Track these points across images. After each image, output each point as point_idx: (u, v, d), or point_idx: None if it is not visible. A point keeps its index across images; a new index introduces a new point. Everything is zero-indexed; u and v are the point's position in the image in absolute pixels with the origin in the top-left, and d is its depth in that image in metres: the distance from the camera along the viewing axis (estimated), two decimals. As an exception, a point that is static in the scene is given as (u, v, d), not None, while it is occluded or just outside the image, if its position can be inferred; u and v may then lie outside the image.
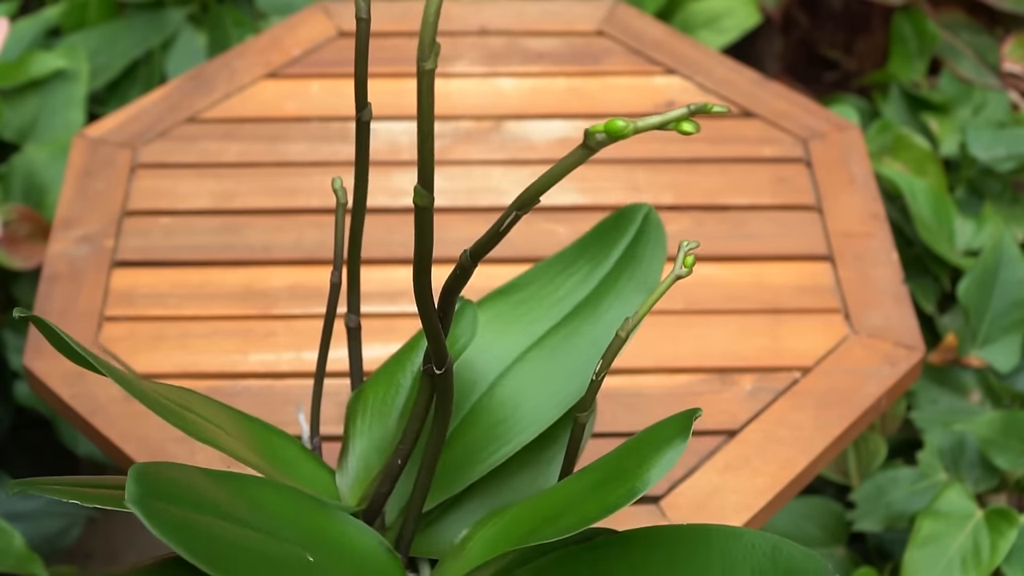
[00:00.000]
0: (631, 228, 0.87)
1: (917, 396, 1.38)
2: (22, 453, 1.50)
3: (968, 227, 1.49)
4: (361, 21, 0.61)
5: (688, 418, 0.69)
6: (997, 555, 1.16)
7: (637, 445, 0.70)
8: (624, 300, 0.83)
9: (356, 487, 0.77)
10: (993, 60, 1.74)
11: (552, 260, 0.88)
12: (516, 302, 0.85)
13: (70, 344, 0.65)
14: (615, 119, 0.55)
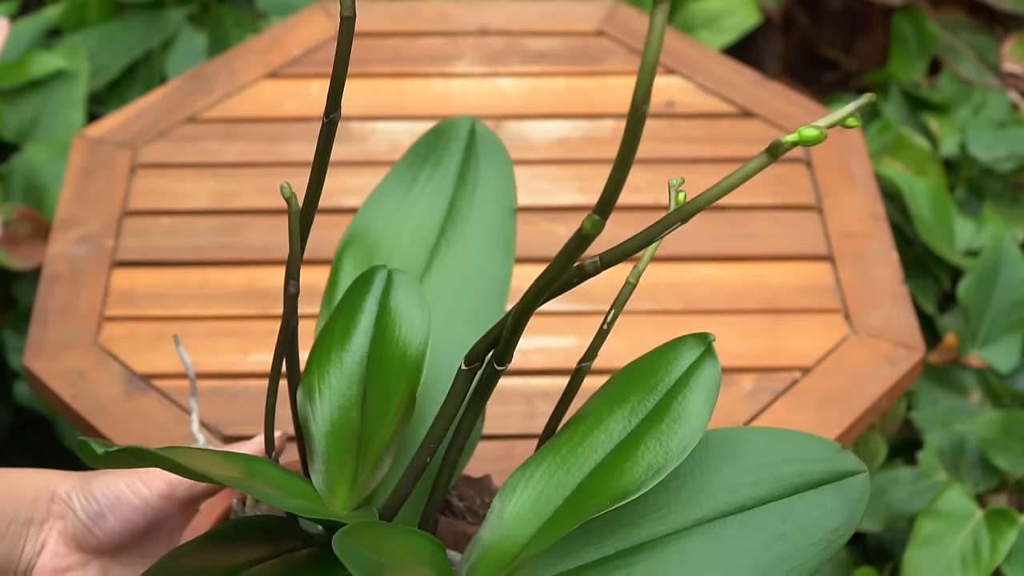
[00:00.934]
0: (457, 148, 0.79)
1: (917, 396, 1.38)
2: (22, 453, 1.50)
3: (968, 227, 1.49)
4: (346, 20, 0.60)
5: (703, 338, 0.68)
6: (997, 555, 1.16)
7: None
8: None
9: (337, 489, 0.74)
10: (993, 60, 1.74)
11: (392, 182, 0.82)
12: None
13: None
14: (805, 127, 0.55)
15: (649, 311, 1.14)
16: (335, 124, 0.61)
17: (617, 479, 0.66)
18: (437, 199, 0.77)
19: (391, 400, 0.72)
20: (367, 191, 1.24)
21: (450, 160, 0.77)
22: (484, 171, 0.77)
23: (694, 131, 1.30)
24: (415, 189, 0.77)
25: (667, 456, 0.66)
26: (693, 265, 1.18)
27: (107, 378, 1.07)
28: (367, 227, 0.76)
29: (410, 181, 0.77)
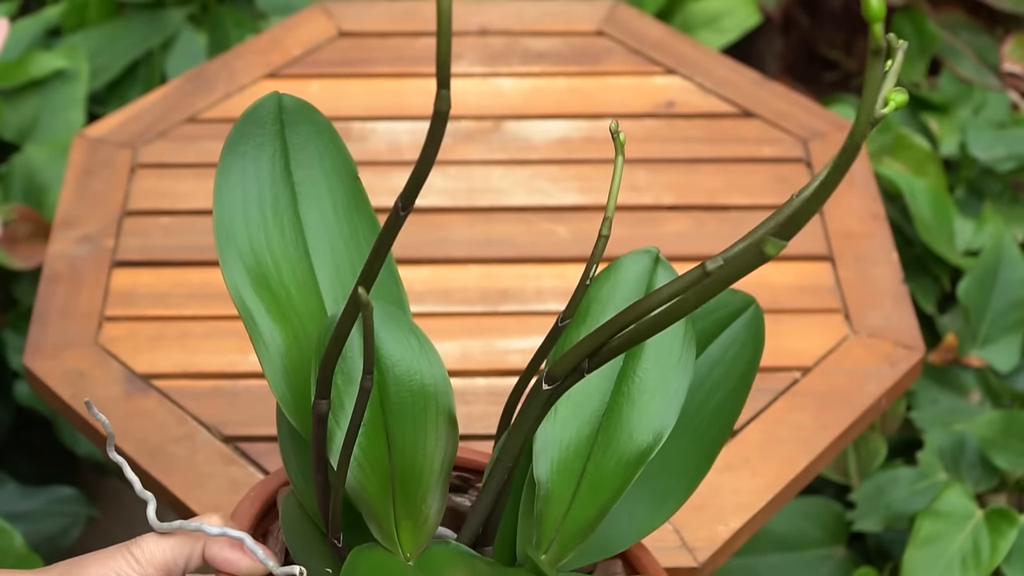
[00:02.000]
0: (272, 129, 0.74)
1: (917, 396, 1.38)
2: (22, 453, 1.50)
3: (968, 227, 1.49)
4: (439, 114, 0.55)
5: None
6: (997, 555, 1.16)
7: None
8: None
9: (411, 538, 0.70)
10: (993, 60, 1.74)
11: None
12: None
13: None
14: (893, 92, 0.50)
15: (649, 311, 1.14)
16: (404, 218, 0.59)
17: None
18: (280, 190, 0.73)
19: (424, 432, 0.70)
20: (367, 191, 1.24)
21: (270, 147, 0.73)
22: (309, 146, 0.74)
23: (694, 131, 1.30)
24: (252, 185, 0.73)
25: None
26: (693, 265, 1.18)
27: (107, 378, 1.07)
28: (236, 240, 0.73)
29: (243, 178, 0.73)
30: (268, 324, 0.70)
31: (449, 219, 1.22)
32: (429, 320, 1.13)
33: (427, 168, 0.56)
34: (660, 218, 1.22)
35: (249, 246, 0.71)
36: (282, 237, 0.72)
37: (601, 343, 0.63)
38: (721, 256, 0.59)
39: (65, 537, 1.37)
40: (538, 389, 0.66)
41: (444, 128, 0.55)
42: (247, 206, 0.71)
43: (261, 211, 0.72)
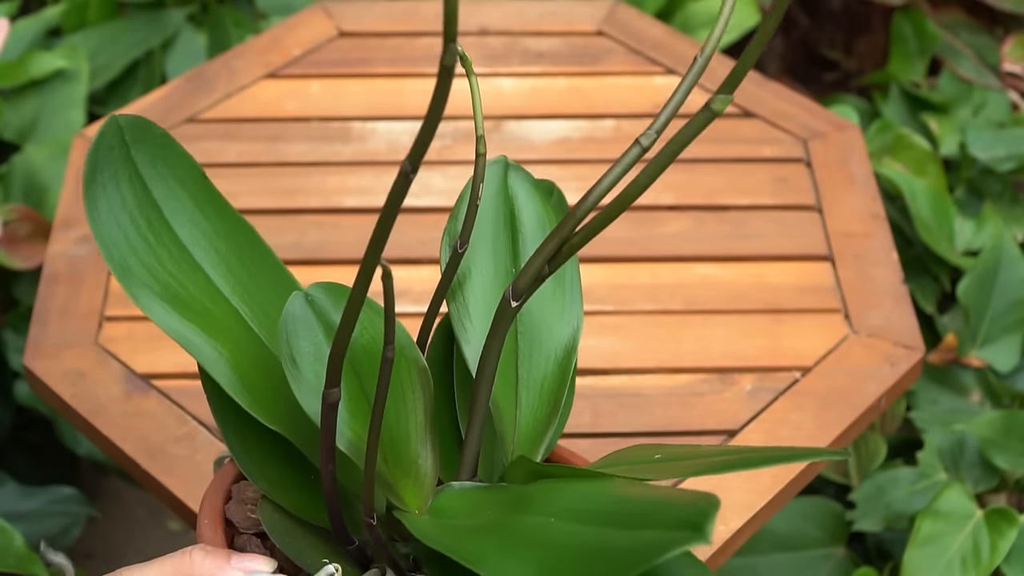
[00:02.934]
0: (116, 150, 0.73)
1: (917, 396, 1.38)
2: (22, 453, 1.50)
3: (968, 227, 1.49)
4: (444, 69, 0.57)
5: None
6: (997, 555, 1.16)
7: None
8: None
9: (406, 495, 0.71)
10: (993, 60, 1.74)
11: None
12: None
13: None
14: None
15: (649, 311, 1.14)
16: (411, 180, 0.59)
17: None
18: (149, 212, 0.73)
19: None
20: (367, 191, 1.24)
21: (124, 172, 0.73)
22: (157, 162, 0.73)
23: (694, 131, 1.30)
24: (123, 214, 0.72)
25: None
26: (693, 265, 1.18)
27: (107, 378, 1.07)
28: (135, 273, 0.71)
29: (111, 209, 0.72)
30: (207, 342, 0.71)
31: (449, 219, 1.21)
32: (429, 320, 1.13)
33: (434, 125, 0.57)
34: (659, 218, 1.22)
35: (150, 275, 0.71)
36: (171, 257, 0.73)
37: (562, 242, 0.66)
38: (653, 131, 0.65)
39: (65, 537, 1.37)
40: (506, 307, 0.68)
41: (450, 84, 0.57)
42: (128, 236, 0.72)
43: (142, 237, 0.72)
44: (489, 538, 0.63)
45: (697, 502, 0.59)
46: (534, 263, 0.68)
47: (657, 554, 0.57)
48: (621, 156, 0.67)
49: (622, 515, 0.62)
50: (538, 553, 0.60)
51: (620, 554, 0.59)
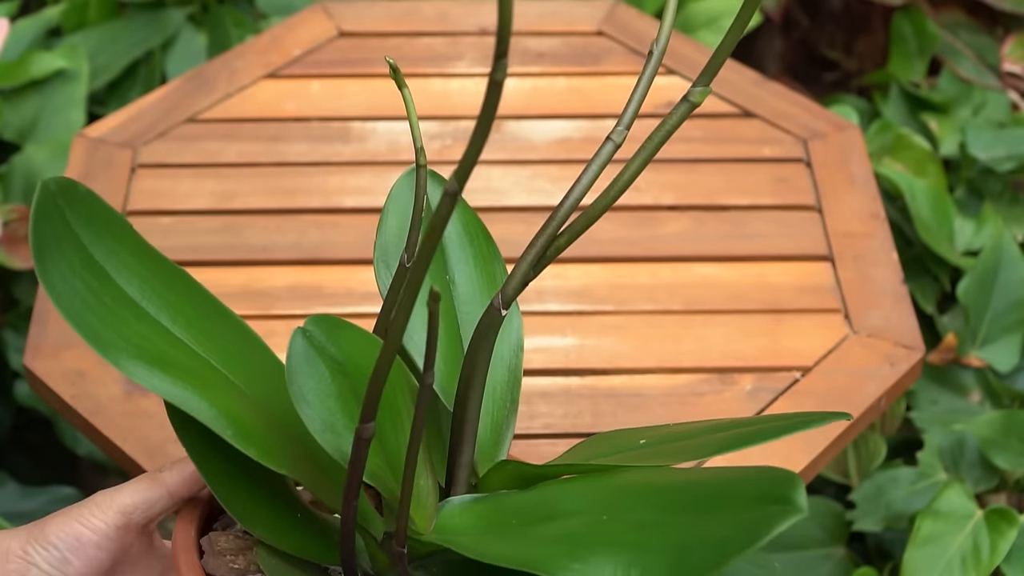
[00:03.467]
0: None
1: (917, 396, 1.38)
2: (22, 453, 1.50)
3: (968, 227, 1.49)
4: (494, 84, 0.57)
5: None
6: (997, 555, 1.16)
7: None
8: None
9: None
10: (993, 60, 1.74)
11: None
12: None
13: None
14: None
15: (649, 311, 1.14)
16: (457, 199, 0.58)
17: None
18: (99, 275, 0.71)
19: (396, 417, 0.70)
20: (367, 191, 1.24)
21: (66, 239, 0.71)
22: (92, 222, 0.72)
23: (694, 131, 1.30)
24: (77, 281, 0.70)
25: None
26: (693, 265, 1.18)
27: (107, 378, 1.07)
28: (108, 341, 0.69)
29: (64, 277, 0.70)
30: (200, 400, 0.68)
31: (449, 219, 1.21)
32: (429, 320, 1.13)
33: (482, 140, 0.55)
34: (660, 218, 1.22)
35: (121, 338, 0.69)
36: (133, 316, 0.71)
37: (547, 245, 0.66)
38: (623, 127, 0.67)
39: (65, 537, 1.36)
40: (495, 316, 0.67)
41: (499, 98, 0.56)
42: (86, 302, 0.69)
43: (101, 302, 0.70)
44: (555, 545, 0.62)
45: (769, 475, 0.59)
46: (520, 268, 0.67)
47: (759, 534, 0.56)
48: (595, 155, 0.66)
49: (687, 501, 0.61)
50: (625, 553, 0.59)
51: (713, 541, 0.58)
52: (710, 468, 0.65)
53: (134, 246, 0.74)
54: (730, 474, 0.61)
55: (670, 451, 0.68)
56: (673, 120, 0.64)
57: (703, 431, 0.69)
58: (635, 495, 0.63)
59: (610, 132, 0.65)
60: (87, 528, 0.70)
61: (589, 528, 0.62)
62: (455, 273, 0.78)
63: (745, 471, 0.61)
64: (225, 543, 0.71)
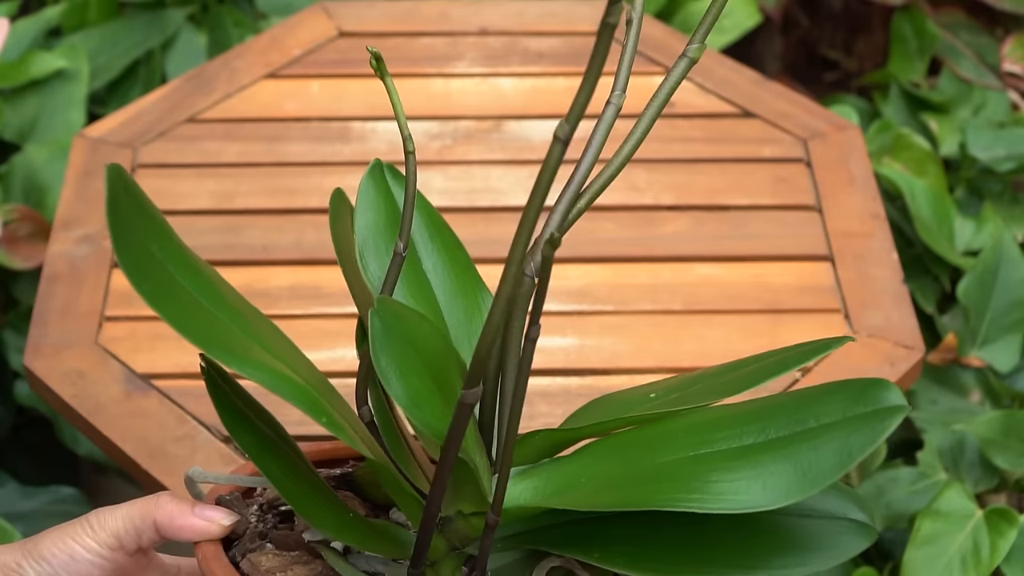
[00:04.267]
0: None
1: (917, 396, 1.38)
2: (22, 453, 1.50)
3: (968, 227, 1.49)
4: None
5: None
6: (997, 555, 1.16)
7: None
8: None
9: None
10: (993, 60, 1.74)
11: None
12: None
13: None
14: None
15: (649, 311, 1.14)
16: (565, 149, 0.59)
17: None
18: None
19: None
20: (367, 191, 1.24)
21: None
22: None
23: (694, 131, 1.30)
24: None
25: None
26: (693, 265, 1.18)
27: (107, 378, 1.07)
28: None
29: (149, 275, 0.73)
30: (290, 386, 0.67)
31: (449, 219, 1.21)
32: (429, 320, 1.13)
33: (593, 85, 0.60)
34: (660, 218, 1.22)
35: (209, 331, 0.70)
36: (202, 309, 0.73)
37: (569, 208, 0.67)
38: (619, 90, 0.69)
39: (65, 537, 1.36)
40: (528, 283, 0.66)
41: (611, 40, 0.60)
42: (169, 294, 0.72)
43: (179, 293, 0.74)
44: (667, 481, 0.62)
45: (855, 384, 0.61)
46: (546, 233, 0.67)
47: (877, 432, 0.58)
48: (600, 117, 0.67)
49: (774, 422, 0.62)
50: (744, 471, 0.60)
51: (830, 447, 0.59)
52: (774, 396, 0.66)
53: (179, 241, 0.75)
54: (807, 394, 0.63)
55: (692, 395, 0.68)
56: (674, 76, 0.65)
57: (711, 376, 0.69)
58: (714, 428, 0.64)
59: (610, 96, 0.66)
60: (81, 546, 0.70)
61: (685, 464, 0.63)
62: (428, 263, 0.78)
63: (821, 389, 0.63)
64: (267, 562, 0.70)
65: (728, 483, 0.61)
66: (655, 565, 0.64)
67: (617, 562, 0.65)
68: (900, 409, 0.61)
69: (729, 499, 0.61)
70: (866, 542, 0.67)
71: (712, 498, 0.61)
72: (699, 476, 0.62)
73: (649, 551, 0.65)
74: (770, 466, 0.61)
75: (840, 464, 0.60)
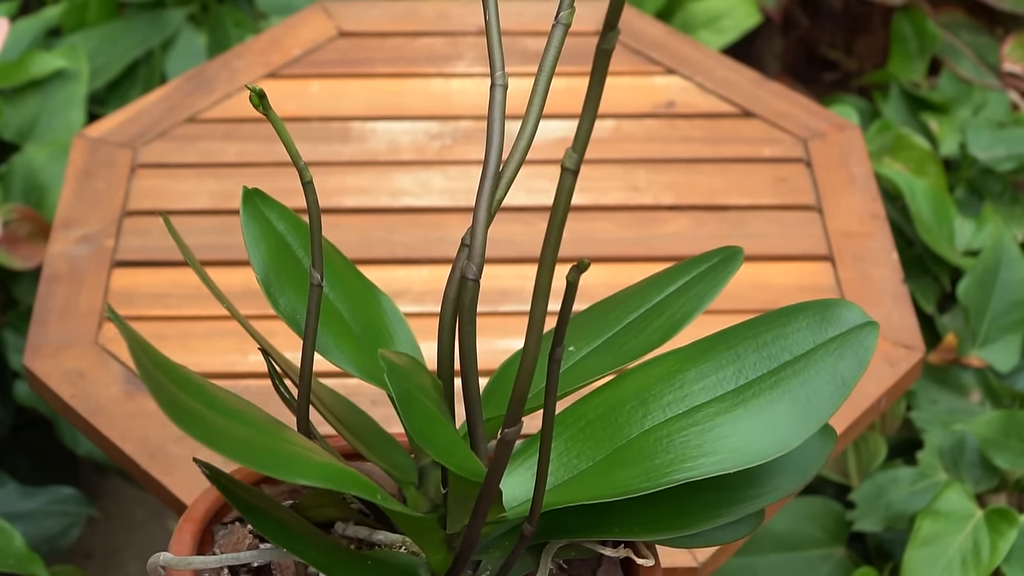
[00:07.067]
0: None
1: (917, 396, 1.38)
2: (22, 453, 1.50)
3: (968, 227, 1.49)
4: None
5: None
6: (997, 555, 1.16)
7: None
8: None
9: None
10: (993, 60, 1.74)
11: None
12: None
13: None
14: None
15: (649, 311, 1.14)
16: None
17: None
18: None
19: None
20: (367, 191, 1.24)
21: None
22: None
23: (694, 131, 1.30)
24: None
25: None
26: (693, 265, 1.18)
27: (107, 378, 1.07)
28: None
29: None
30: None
31: (449, 219, 1.22)
32: (429, 320, 1.13)
33: (594, 113, 0.61)
34: (660, 218, 1.22)
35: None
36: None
37: (489, 202, 0.68)
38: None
39: (65, 537, 1.37)
40: (474, 286, 0.67)
41: (607, 68, 0.62)
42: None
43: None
44: (666, 454, 0.62)
45: (809, 307, 0.64)
46: (478, 231, 0.69)
47: (863, 355, 0.59)
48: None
49: (751, 362, 0.62)
50: (745, 424, 0.60)
51: (820, 381, 0.60)
52: (724, 332, 0.66)
53: (199, 379, 0.76)
54: (761, 326, 0.63)
55: (625, 351, 0.68)
56: (554, 45, 0.65)
57: (627, 320, 0.69)
58: (685, 380, 0.64)
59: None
60: None
61: (680, 426, 0.62)
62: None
63: (773, 318, 0.64)
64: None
65: (737, 437, 0.61)
66: (668, 523, 0.64)
67: (635, 532, 0.64)
68: (870, 326, 0.61)
69: (743, 452, 0.60)
70: (831, 444, 0.66)
71: (728, 456, 0.60)
72: (703, 435, 0.61)
73: (659, 511, 0.65)
74: (769, 409, 0.61)
75: (837, 393, 0.60)
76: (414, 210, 1.22)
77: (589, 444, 0.66)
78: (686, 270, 0.72)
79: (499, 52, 0.66)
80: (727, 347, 0.66)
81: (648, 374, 0.66)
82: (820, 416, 0.61)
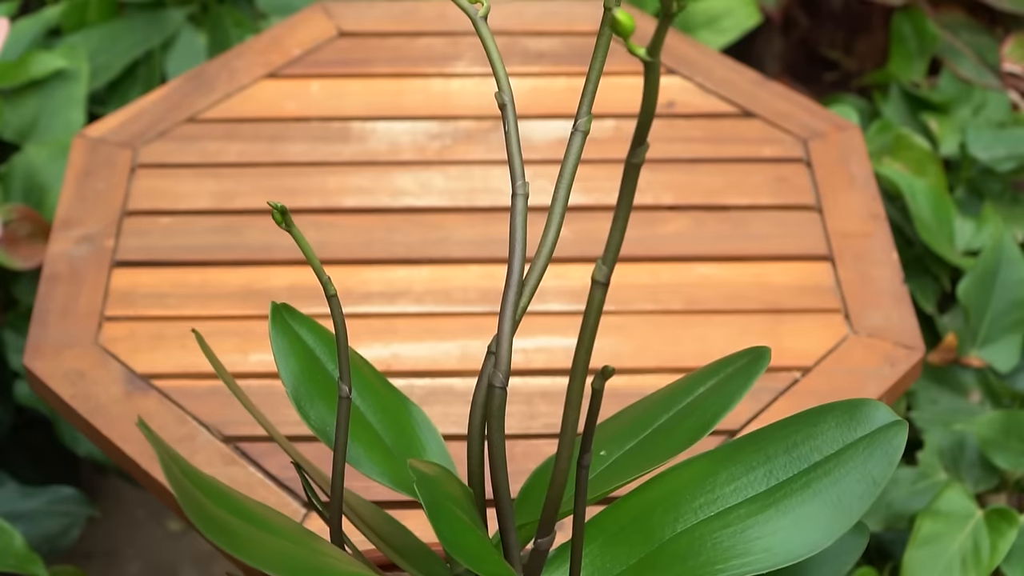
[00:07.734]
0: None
1: (917, 396, 1.38)
2: (22, 453, 1.50)
3: (968, 227, 1.49)
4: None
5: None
6: (997, 555, 1.16)
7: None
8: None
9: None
10: (993, 60, 1.74)
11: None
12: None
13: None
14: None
15: (649, 311, 1.14)
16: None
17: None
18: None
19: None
20: (367, 191, 1.24)
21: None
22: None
23: (694, 131, 1.30)
24: None
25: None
26: (693, 265, 1.18)
27: (107, 378, 1.07)
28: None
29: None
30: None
31: (449, 219, 1.22)
32: (429, 320, 1.13)
33: (624, 224, 0.59)
34: (660, 218, 1.22)
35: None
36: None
37: (514, 309, 0.67)
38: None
39: (65, 537, 1.37)
40: (501, 394, 0.68)
41: (636, 180, 0.60)
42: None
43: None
44: (710, 552, 0.62)
45: (837, 408, 0.65)
46: (503, 339, 0.67)
47: (892, 454, 0.64)
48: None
49: (781, 463, 0.62)
50: (781, 524, 0.61)
51: (850, 480, 0.62)
52: (752, 435, 0.66)
53: (226, 488, 0.76)
54: (789, 427, 0.63)
55: (655, 453, 0.68)
56: (573, 152, 0.65)
57: (649, 415, 0.70)
58: (716, 483, 0.64)
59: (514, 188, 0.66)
60: None
61: (711, 528, 0.63)
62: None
63: (801, 420, 0.63)
64: None
65: (769, 537, 0.61)
66: None
67: None
68: (898, 424, 0.62)
69: (776, 553, 0.61)
70: (864, 541, 0.67)
71: (760, 557, 0.61)
72: (735, 537, 0.62)
73: None
74: (800, 510, 0.62)
75: (867, 492, 0.61)
76: (414, 210, 1.22)
77: (623, 548, 0.67)
78: (715, 371, 0.72)
79: (519, 160, 0.66)
80: (756, 449, 0.66)
81: (679, 477, 0.67)
82: (851, 515, 0.61)
